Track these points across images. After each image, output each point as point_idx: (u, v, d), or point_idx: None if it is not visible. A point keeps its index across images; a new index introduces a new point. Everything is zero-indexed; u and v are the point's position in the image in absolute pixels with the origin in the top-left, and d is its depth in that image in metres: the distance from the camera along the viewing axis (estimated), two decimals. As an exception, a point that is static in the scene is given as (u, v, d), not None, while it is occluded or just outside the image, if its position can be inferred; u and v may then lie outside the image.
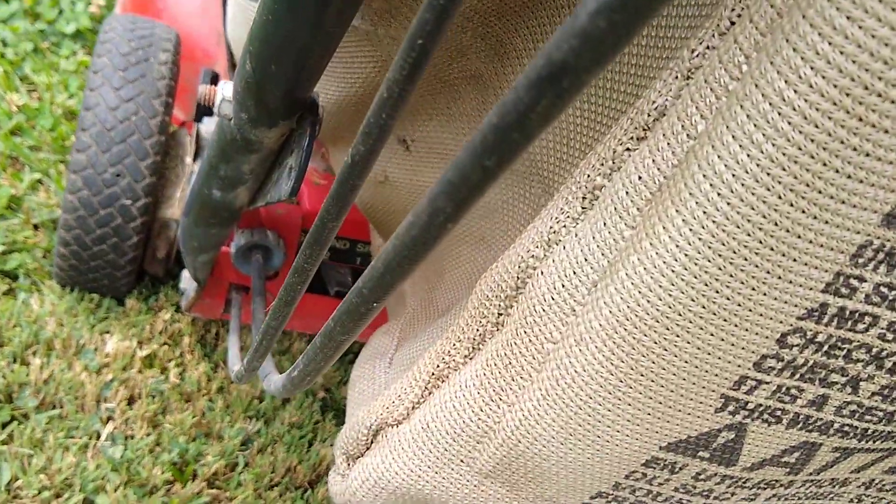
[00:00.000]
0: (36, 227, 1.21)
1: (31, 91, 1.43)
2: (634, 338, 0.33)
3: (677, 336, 0.32)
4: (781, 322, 0.31)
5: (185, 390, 1.07)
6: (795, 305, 0.30)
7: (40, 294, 1.12)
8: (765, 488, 0.40)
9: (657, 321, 0.32)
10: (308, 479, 1.04)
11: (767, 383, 0.33)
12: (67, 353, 1.06)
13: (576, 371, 0.35)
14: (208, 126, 1.00)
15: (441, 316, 0.65)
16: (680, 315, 0.31)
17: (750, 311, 0.30)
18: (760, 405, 0.34)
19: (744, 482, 0.39)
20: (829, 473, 0.40)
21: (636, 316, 0.32)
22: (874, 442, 0.37)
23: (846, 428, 0.35)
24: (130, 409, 1.03)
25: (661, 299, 0.31)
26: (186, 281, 1.04)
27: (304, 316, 1.07)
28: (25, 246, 1.17)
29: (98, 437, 1.00)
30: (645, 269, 0.31)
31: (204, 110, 1.01)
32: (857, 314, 0.30)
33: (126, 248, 1.03)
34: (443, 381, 0.42)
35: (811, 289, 0.29)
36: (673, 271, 0.30)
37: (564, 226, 0.36)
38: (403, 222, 0.28)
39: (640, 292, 0.32)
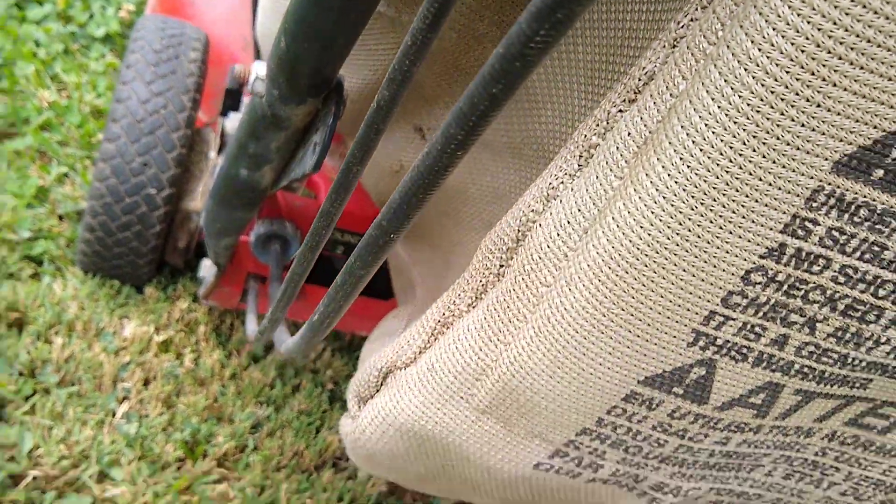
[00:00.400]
0: (61, 217, 1.26)
1: (60, 89, 1.49)
2: (617, 275, 0.37)
3: (654, 272, 0.36)
4: (745, 259, 0.35)
5: (199, 375, 1.12)
6: (758, 244, 0.34)
7: (63, 279, 1.17)
8: (735, 431, 0.44)
9: (637, 259, 0.36)
10: (314, 463, 1.08)
11: (734, 320, 0.37)
12: (88, 334, 1.11)
13: (565, 309, 0.39)
14: (233, 122, 1.05)
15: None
16: (657, 252, 0.36)
17: (718, 248, 0.35)
18: (728, 342, 0.38)
19: (715, 423, 0.43)
20: (793, 420, 0.44)
21: (619, 255, 0.36)
22: (831, 386, 0.41)
23: (805, 369, 0.40)
24: (146, 389, 1.08)
25: (641, 238, 0.36)
26: (206, 269, 1.08)
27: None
28: (50, 234, 1.22)
29: (114, 414, 1.04)
30: (629, 212, 0.36)
31: (230, 105, 1.07)
32: (812, 256, 0.35)
33: (149, 235, 1.07)
34: (448, 327, 0.46)
35: (771, 229, 0.34)
36: (653, 212, 0.35)
37: (562, 182, 0.40)
38: (419, 155, 0.32)
39: (623, 233, 0.36)
